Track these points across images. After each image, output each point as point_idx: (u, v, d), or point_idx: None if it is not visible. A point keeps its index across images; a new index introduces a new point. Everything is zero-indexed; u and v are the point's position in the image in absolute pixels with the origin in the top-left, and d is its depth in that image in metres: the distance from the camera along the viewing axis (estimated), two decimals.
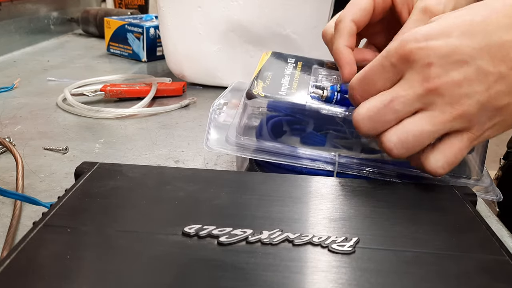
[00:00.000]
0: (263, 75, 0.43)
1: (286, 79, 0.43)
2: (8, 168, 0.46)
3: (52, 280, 0.23)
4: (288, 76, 0.44)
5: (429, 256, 0.26)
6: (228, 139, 0.39)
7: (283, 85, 0.42)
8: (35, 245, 0.25)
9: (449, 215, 0.31)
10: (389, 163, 0.37)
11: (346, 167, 0.37)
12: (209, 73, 0.74)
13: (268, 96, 0.39)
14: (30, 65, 0.90)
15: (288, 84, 0.42)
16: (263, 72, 0.44)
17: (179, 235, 0.27)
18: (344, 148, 0.39)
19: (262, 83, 0.42)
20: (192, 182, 0.33)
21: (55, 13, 1.17)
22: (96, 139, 0.54)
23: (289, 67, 0.46)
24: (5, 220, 0.37)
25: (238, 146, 0.39)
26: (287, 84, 0.42)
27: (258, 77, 0.43)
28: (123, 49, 0.96)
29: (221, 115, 0.45)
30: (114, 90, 0.67)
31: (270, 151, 0.38)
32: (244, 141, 0.39)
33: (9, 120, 0.59)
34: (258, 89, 0.40)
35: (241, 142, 0.39)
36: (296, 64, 0.47)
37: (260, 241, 0.26)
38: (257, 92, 0.40)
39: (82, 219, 0.28)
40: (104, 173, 0.34)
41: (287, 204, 0.31)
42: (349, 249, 0.26)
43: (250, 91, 0.40)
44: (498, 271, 0.25)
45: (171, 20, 0.72)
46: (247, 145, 0.39)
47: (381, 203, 0.32)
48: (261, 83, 0.42)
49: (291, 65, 0.47)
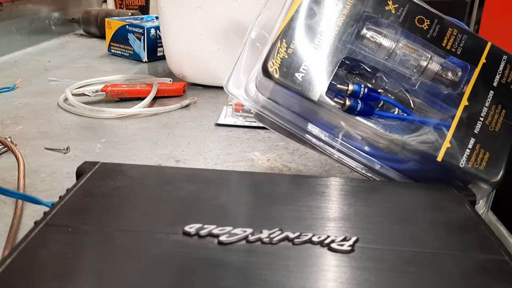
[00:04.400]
0: (293, 29, 0.36)
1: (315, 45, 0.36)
2: (10, 168, 0.46)
3: (53, 279, 0.23)
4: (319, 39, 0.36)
5: (428, 255, 0.26)
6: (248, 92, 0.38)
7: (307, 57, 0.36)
8: (36, 244, 0.25)
9: (448, 214, 0.31)
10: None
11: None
12: (210, 73, 0.74)
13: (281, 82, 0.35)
14: (31, 65, 0.90)
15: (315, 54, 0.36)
16: (295, 22, 0.36)
17: (180, 234, 0.27)
18: None
19: (285, 48, 0.35)
20: (193, 181, 0.33)
21: (56, 14, 1.18)
22: (97, 139, 0.54)
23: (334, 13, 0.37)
24: (7, 220, 0.37)
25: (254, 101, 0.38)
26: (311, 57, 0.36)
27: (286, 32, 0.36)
28: (124, 49, 0.97)
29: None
30: (115, 90, 0.67)
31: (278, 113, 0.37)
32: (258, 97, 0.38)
33: (10, 120, 0.60)
34: (276, 62, 0.35)
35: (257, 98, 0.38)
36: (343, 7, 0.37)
37: (260, 240, 0.26)
38: (273, 68, 0.35)
39: (83, 218, 0.28)
40: (105, 173, 0.34)
41: (287, 203, 0.31)
42: (349, 248, 0.26)
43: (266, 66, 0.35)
44: (497, 270, 0.25)
45: (171, 21, 0.72)
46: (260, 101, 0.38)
47: (380, 203, 0.32)
48: (284, 49, 0.35)
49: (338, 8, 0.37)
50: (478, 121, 0.36)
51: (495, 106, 0.37)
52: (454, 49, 0.38)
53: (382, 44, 0.38)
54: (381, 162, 0.37)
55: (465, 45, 0.38)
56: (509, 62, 0.38)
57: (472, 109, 0.36)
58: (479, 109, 0.36)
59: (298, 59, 0.36)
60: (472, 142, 0.35)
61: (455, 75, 0.38)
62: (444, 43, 0.38)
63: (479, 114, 0.36)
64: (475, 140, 0.35)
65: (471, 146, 0.35)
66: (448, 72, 0.38)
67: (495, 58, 0.38)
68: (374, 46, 0.38)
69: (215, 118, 0.61)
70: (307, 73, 0.35)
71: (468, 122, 0.36)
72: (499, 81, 0.37)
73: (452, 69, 0.38)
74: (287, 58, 0.35)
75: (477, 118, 0.36)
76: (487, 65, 0.38)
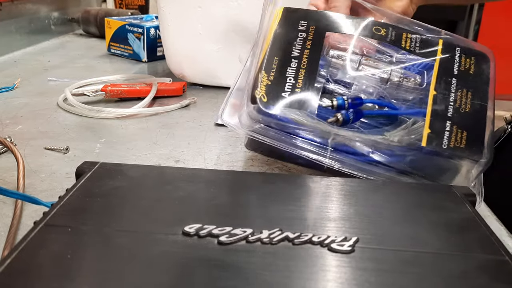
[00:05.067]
0: (270, 60, 0.41)
1: (293, 68, 0.41)
2: (9, 168, 0.46)
3: (52, 279, 0.23)
4: (295, 62, 0.41)
5: (428, 255, 0.26)
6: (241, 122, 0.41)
7: (288, 78, 0.40)
8: (36, 245, 0.25)
9: (449, 214, 0.31)
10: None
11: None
12: (209, 73, 0.74)
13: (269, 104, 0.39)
14: (31, 65, 0.90)
15: (293, 76, 0.40)
16: (270, 55, 0.42)
17: (179, 234, 0.27)
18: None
19: (266, 77, 0.40)
20: (193, 182, 0.33)
21: (55, 13, 1.17)
22: (97, 139, 0.54)
23: (298, 42, 0.42)
24: (6, 220, 0.37)
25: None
26: (292, 77, 0.40)
27: (264, 65, 0.41)
28: (124, 49, 0.97)
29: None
30: (115, 90, 0.67)
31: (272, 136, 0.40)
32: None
33: (10, 120, 0.60)
34: (261, 90, 0.39)
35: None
36: (307, 32, 0.43)
37: (260, 240, 0.26)
38: (260, 94, 0.39)
39: (83, 218, 0.28)
40: (105, 173, 0.34)
41: (287, 203, 0.31)
42: (349, 248, 0.26)
43: (254, 94, 0.39)
44: (497, 271, 0.25)
45: (171, 20, 0.72)
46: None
47: (380, 203, 0.32)
48: (266, 78, 0.40)
49: (301, 38, 0.43)
50: (449, 106, 0.40)
51: (461, 91, 0.41)
52: (412, 48, 0.43)
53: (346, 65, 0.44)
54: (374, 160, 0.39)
55: (421, 44, 0.44)
56: (463, 52, 0.43)
57: (440, 96, 0.40)
58: (447, 95, 0.40)
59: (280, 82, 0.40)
60: (448, 124, 0.39)
61: (415, 82, 0.43)
62: (403, 45, 0.43)
63: (448, 100, 0.40)
64: (451, 122, 0.39)
65: (449, 128, 0.39)
66: (409, 79, 0.43)
67: (449, 51, 0.43)
68: (341, 67, 0.44)
69: (215, 118, 0.61)
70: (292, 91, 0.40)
71: (440, 108, 0.40)
72: (459, 69, 0.42)
73: (412, 77, 0.43)
74: (270, 84, 0.40)
75: (447, 103, 0.40)
76: (444, 57, 0.43)
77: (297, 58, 0.41)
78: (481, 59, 0.43)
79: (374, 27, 0.44)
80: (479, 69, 0.42)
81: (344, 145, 0.39)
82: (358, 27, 0.44)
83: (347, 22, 0.44)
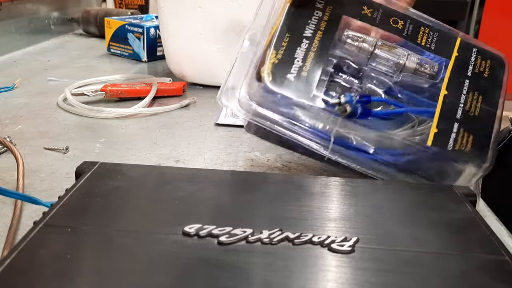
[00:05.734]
0: (280, 37, 0.39)
1: (302, 49, 0.39)
2: (9, 168, 0.46)
3: (52, 279, 0.23)
4: (305, 43, 0.39)
5: (428, 255, 0.26)
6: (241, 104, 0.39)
7: (296, 59, 0.38)
8: (35, 245, 0.25)
9: (449, 214, 0.31)
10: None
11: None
12: (209, 73, 0.74)
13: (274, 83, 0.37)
14: (31, 65, 0.90)
15: (302, 58, 0.38)
16: (281, 31, 0.39)
17: (179, 234, 0.27)
18: None
19: (275, 54, 0.38)
20: (192, 181, 0.33)
21: (55, 13, 1.17)
22: (97, 139, 0.54)
23: (311, 23, 0.40)
24: (6, 220, 0.37)
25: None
26: (300, 59, 0.38)
27: (274, 41, 0.39)
28: (124, 49, 0.96)
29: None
30: (115, 90, 0.67)
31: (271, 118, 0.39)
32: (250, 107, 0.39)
33: (9, 120, 0.60)
34: (268, 67, 0.37)
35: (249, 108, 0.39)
36: (322, 14, 0.40)
37: (260, 240, 0.26)
38: (265, 72, 0.37)
39: (83, 218, 0.28)
40: (105, 173, 0.34)
41: (287, 204, 0.31)
42: (349, 248, 0.26)
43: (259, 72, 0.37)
44: (497, 271, 0.25)
45: (171, 20, 0.72)
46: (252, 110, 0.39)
47: (381, 203, 0.32)
48: (274, 55, 0.38)
49: (315, 19, 0.40)
50: (458, 107, 0.39)
51: (472, 93, 0.40)
52: (428, 45, 0.41)
53: (363, 47, 0.41)
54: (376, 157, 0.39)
55: (438, 41, 0.42)
56: (479, 54, 0.42)
57: (451, 97, 0.39)
58: (458, 96, 0.39)
59: (288, 62, 0.38)
60: (456, 126, 0.38)
61: (432, 69, 0.41)
62: (419, 40, 0.41)
63: (458, 101, 0.39)
64: (459, 124, 0.38)
65: (456, 130, 0.38)
66: (426, 67, 0.41)
67: (466, 51, 0.42)
68: (355, 49, 0.41)
69: (215, 118, 0.61)
70: (298, 74, 0.38)
71: (450, 108, 0.39)
72: (473, 71, 0.41)
73: (430, 64, 0.41)
74: (278, 63, 0.38)
75: (457, 104, 0.39)
76: (460, 57, 0.41)
77: (309, 38, 0.39)
78: (496, 63, 0.42)
79: (391, 18, 0.42)
80: (493, 73, 0.41)
81: (346, 139, 0.39)
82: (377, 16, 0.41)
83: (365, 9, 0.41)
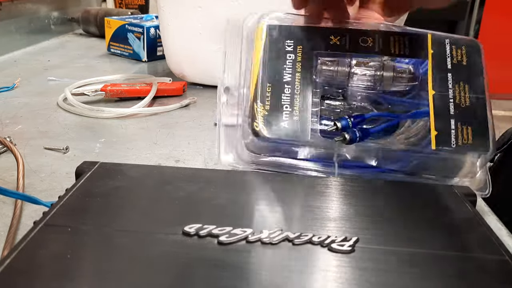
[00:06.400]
0: (263, 90, 0.39)
1: (287, 95, 0.39)
2: (9, 168, 0.46)
3: (52, 279, 0.23)
4: (288, 88, 0.40)
5: (428, 255, 0.26)
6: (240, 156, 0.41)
7: (284, 105, 0.39)
8: (35, 245, 0.25)
9: (449, 215, 0.31)
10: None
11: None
12: (209, 73, 0.74)
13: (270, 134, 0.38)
14: (31, 65, 0.90)
15: (289, 104, 0.39)
16: (262, 83, 0.40)
17: (179, 234, 0.27)
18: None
19: (262, 107, 0.39)
20: (193, 181, 0.33)
21: (55, 13, 1.17)
22: (97, 138, 0.54)
23: (287, 67, 0.40)
24: (6, 220, 0.37)
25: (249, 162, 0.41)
26: (288, 105, 0.39)
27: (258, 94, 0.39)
28: (124, 49, 0.96)
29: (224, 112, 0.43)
30: (115, 90, 0.67)
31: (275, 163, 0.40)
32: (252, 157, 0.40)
33: (9, 120, 0.59)
34: (259, 122, 0.38)
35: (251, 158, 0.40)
36: (295, 52, 0.41)
37: (260, 240, 0.26)
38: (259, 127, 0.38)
39: (83, 218, 0.28)
40: (105, 173, 0.34)
41: (287, 204, 0.31)
42: (349, 248, 0.26)
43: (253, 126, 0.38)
44: (497, 271, 0.25)
45: (171, 20, 0.72)
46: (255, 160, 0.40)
47: (381, 203, 0.32)
48: (262, 108, 0.38)
49: (289, 63, 0.41)
50: (449, 103, 0.39)
51: (458, 85, 0.40)
52: (402, 52, 0.42)
53: (339, 70, 0.43)
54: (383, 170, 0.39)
55: (410, 44, 0.42)
56: (453, 44, 0.42)
57: (439, 95, 0.40)
58: (445, 92, 0.40)
59: (277, 111, 0.39)
60: (453, 122, 0.38)
61: (409, 72, 0.42)
62: (392, 50, 0.42)
63: (448, 97, 0.40)
64: (455, 120, 0.39)
65: (454, 127, 0.38)
66: (403, 72, 0.42)
67: (440, 45, 0.42)
68: (332, 73, 0.43)
69: (215, 117, 0.61)
70: (291, 119, 0.38)
71: (442, 106, 0.39)
72: (452, 62, 0.41)
73: (405, 68, 0.43)
74: (268, 114, 0.39)
75: (447, 100, 0.39)
76: (436, 53, 0.41)
77: (290, 83, 0.40)
78: (471, 49, 0.42)
79: (360, 38, 0.42)
80: (471, 59, 0.41)
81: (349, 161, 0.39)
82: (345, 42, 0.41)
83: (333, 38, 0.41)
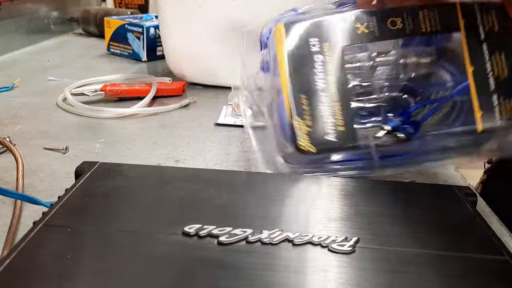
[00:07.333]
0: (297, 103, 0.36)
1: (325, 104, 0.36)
2: (8, 168, 0.46)
3: (52, 279, 0.23)
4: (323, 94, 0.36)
5: (429, 256, 0.26)
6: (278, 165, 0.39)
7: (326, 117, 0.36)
8: (35, 245, 0.25)
9: (449, 215, 0.31)
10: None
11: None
12: (209, 73, 0.74)
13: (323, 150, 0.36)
14: (30, 64, 0.90)
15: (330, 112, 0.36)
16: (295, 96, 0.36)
17: (179, 234, 0.27)
18: None
19: (303, 122, 0.36)
20: (192, 181, 0.33)
21: (55, 13, 1.17)
22: (96, 138, 0.54)
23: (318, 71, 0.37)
24: (6, 220, 0.37)
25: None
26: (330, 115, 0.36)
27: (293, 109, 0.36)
28: (123, 48, 0.96)
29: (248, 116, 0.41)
30: (114, 90, 0.67)
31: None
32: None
33: (9, 120, 0.59)
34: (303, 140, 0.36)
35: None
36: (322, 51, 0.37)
37: (260, 240, 0.26)
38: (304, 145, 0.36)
39: (82, 218, 0.28)
40: (104, 173, 0.34)
41: (287, 204, 0.31)
42: (349, 248, 0.26)
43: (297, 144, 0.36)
44: (498, 271, 0.25)
45: (171, 20, 0.72)
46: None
47: (381, 203, 0.32)
48: (303, 124, 0.36)
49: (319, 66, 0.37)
50: (489, 78, 0.37)
51: (494, 55, 0.38)
52: (434, 29, 0.38)
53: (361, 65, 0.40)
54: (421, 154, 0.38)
55: (440, 17, 0.38)
56: (482, 7, 0.38)
57: (479, 70, 0.38)
58: (484, 66, 0.38)
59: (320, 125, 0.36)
60: (495, 98, 0.37)
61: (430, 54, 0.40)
62: (423, 29, 0.38)
63: (486, 71, 0.38)
64: (496, 94, 0.37)
65: (496, 102, 0.37)
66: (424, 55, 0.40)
67: (469, 12, 0.38)
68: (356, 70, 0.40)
69: (214, 117, 0.61)
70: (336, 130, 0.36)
71: (482, 83, 0.37)
72: (484, 31, 0.38)
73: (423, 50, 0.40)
74: (311, 131, 0.36)
75: (487, 75, 0.38)
76: (467, 22, 0.38)
77: (325, 90, 0.37)
78: (499, 12, 0.38)
79: (388, 20, 0.38)
80: (502, 24, 0.38)
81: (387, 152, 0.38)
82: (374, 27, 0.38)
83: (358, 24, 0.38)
